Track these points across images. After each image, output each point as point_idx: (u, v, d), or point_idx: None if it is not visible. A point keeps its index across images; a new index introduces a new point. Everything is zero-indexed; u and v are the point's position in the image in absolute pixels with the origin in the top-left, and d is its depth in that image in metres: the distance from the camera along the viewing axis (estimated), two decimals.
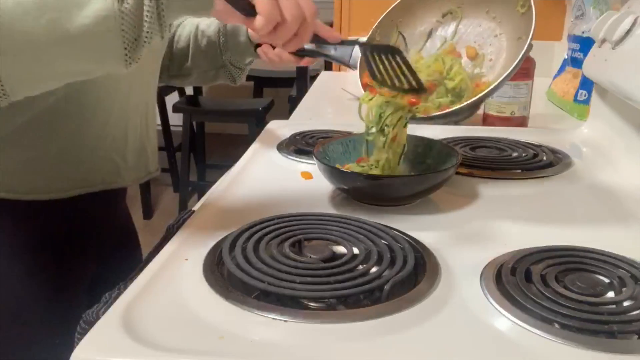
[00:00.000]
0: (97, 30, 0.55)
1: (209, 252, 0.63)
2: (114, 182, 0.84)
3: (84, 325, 0.57)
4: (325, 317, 0.52)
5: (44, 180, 0.76)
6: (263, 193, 0.83)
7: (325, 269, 0.58)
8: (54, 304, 0.79)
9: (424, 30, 0.95)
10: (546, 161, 0.94)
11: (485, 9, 0.92)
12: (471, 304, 0.54)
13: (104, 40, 0.56)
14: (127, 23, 0.55)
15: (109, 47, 0.56)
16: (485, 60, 0.90)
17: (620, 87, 0.87)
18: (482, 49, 0.91)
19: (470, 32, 0.92)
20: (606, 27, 0.94)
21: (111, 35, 0.55)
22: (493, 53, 0.89)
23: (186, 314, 0.52)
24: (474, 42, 0.91)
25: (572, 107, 1.35)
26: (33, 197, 0.76)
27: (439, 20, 0.95)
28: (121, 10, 0.54)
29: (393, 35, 0.95)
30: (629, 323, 0.50)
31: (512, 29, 0.89)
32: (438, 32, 0.95)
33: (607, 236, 0.69)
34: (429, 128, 1.08)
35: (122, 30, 0.55)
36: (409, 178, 0.78)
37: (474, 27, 0.92)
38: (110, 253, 0.88)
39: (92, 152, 0.80)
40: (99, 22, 0.54)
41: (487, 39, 0.90)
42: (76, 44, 0.55)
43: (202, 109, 3.10)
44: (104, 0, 0.54)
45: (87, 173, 0.80)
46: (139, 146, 0.87)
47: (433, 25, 0.95)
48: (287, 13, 0.60)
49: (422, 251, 0.63)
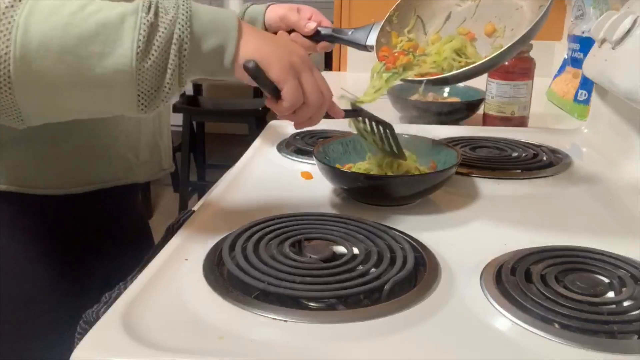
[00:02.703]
0: (112, 83, 0.56)
1: (209, 252, 0.63)
2: (126, 178, 0.84)
3: (84, 325, 0.57)
4: (325, 317, 0.52)
5: (58, 176, 0.77)
6: (263, 193, 0.83)
7: (325, 269, 0.58)
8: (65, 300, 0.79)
9: (442, 12, 0.95)
10: (546, 161, 0.94)
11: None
12: (471, 303, 0.54)
13: (117, 92, 0.57)
14: (144, 80, 0.56)
15: (122, 99, 0.57)
16: (507, 30, 0.89)
17: (620, 87, 0.87)
18: (503, 22, 0.90)
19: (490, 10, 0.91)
20: (606, 27, 0.94)
21: (125, 90, 0.56)
22: (514, 24, 0.88)
23: (186, 314, 0.52)
24: (494, 17, 0.90)
25: (572, 107, 1.35)
26: (47, 192, 0.76)
27: (458, 3, 0.94)
28: (139, 67, 0.55)
29: (411, 18, 0.95)
30: (629, 323, 0.50)
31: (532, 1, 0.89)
32: (457, 11, 0.94)
33: (607, 236, 0.69)
34: (429, 128, 1.08)
35: (138, 85, 0.56)
36: (409, 178, 0.78)
37: (494, 4, 0.92)
38: (124, 250, 0.88)
39: (105, 149, 0.81)
40: (115, 75, 0.55)
41: (508, 12, 0.90)
42: (91, 91, 0.57)
43: (202, 109, 3.10)
44: (125, 55, 0.55)
45: (100, 169, 0.81)
46: (152, 143, 0.88)
47: (452, 7, 0.95)
48: (309, 99, 0.63)
49: (422, 251, 0.63)
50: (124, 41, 0.55)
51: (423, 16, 0.95)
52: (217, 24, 0.59)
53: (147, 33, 0.55)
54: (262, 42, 0.62)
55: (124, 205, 0.91)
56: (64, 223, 0.79)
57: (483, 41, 0.89)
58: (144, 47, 0.55)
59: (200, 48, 0.58)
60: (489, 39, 0.90)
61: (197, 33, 0.58)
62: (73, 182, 0.78)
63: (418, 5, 0.94)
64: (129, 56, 0.55)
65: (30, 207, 0.77)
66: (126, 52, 0.55)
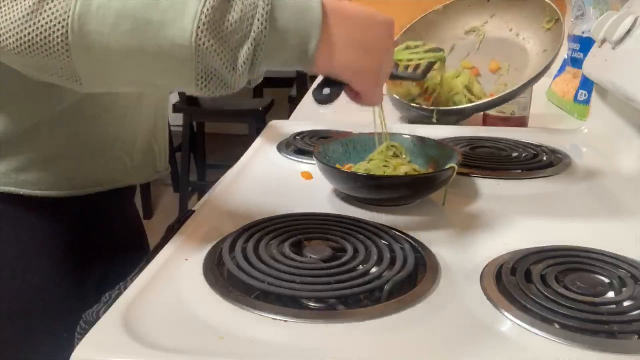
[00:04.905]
0: (170, 56, 0.53)
1: (209, 252, 0.63)
2: (122, 180, 0.84)
3: (84, 325, 0.57)
4: (325, 317, 0.52)
5: (57, 178, 0.77)
6: (263, 193, 0.83)
7: (325, 269, 0.58)
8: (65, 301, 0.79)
9: (447, 44, 0.97)
10: (546, 161, 0.94)
11: (508, 27, 0.93)
12: (471, 303, 0.54)
13: (176, 65, 0.54)
14: (204, 60, 0.53)
15: (181, 74, 0.55)
16: (511, 69, 0.90)
17: (620, 87, 0.87)
18: (506, 60, 0.92)
19: (493, 46, 0.93)
20: (606, 27, 0.94)
21: (184, 65, 0.54)
22: (518, 63, 0.90)
23: (186, 314, 0.52)
24: (497, 55, 0.92)
25: (572, 107, 1.35)
26: (47, 194, 0.76)
27: (462, 37, 0.96)
28: (198, 45, 0.52)
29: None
30: (629, 323, 0.50)
31: (536, 43, 0.90)
32: (461, 45, 0.96)
33: (607, 236, 0.69)
34: (429, 128, 1.08)
35: (198, 62, 0.53)
36: (409, 178, 0.78)
37: (497, 42, 0.93)
38: (119, 251, 0.88)
39: (104, 153, 0.81)
40: (174, 49, 0.53)
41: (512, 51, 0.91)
42: (147, 60, 0.54)
43: (202, 109, 3.10)
44: (185, 28, 0.52)
45: (98, 172, 0.81)
46: (146, 145, 0.88)
47: (456, 40, 0.97)
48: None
49: (422, 251, 0.63)
50: (187, 13, 0.52)
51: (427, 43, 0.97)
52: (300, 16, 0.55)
53: (215, 9, 0.52)
54: (350, 42, 0.58)
55: (121, 207, 0.91)
56: (63, 225, 0.79)
57: (486, 77, 0.91)
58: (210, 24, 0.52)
59: (277, 42, 0.55)
60: (493, 75, 0.92)
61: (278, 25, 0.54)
62: (73, 184, 0.78)
63: (424, 35, 0.96)
64: (189, 30, 0.52)
65: (31, 208, 0.77)
66: (187, 26, 0.52)
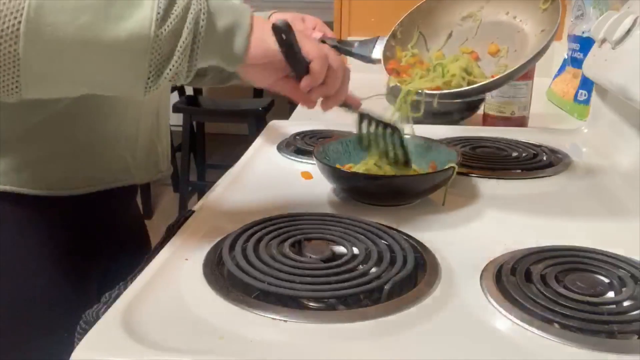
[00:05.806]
0: (128, 46, 0.54)
1: (209, 252, 0.63)
2: (124, 179, 0.84)
3: (84, 325, 0.57)
4: (325, 317, 0.52)
5: (58, 177, 0.77)
6: (263, 193, 0.83)
7: (325, 269, 0.58)
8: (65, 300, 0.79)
9: (444, 31, 0.97)
10: (546, 161, 0.94)
11: (505, 11, 0.94)
12: (471, 304, 0.54)
13: (131, 57, 0.55)
14: (158, 48, 0.55)
15: (134, 66, 0.56)
16: (510, 51, 0.90)
17: (620, 87, 0.87)
18: (505, 43, 0.92)
19: (491, 31, 0.93)
20: (606, 27, 0.94)
21: (138, 57, 0.55)
22: (517, 45, 0.90)
23: (186, 314, 0.52)
24: (496, 39, 0.92)
25: (572, 107, 1.35)
26: (49, 193, 0.76)
27: (459, 23, 0.96)
28: (157, 33, 0.54)
29: (414, 34, 0.96)
30: (629, 323, 0.50)
31: (534, 24, 0.91)
32: (458, 31, 0.96)
33: (607, 236, 0.69)
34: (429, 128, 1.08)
35: (152, 53, 0.55)
36: (409, 178, 0.78)
37: (494, 26, 0.93)
38: (121, 251, 0.88)
39: (105, 151, 0.81)
40: (132, 39, 0.54)
41: (509, 34, 0.92)
42: (103, 53, 0.55)
43: (202, 109, 3.09)
44: (145, 19, 0.54)
45: (100, 171, 0.81)
46: (149, 145, 0.88)
47: (453, 27, 0.97)
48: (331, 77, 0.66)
49: (422, 251, 0.63)
50: (145, 6, 0.54)
51: (425, 33, 0.97)
52: (231, 5, 0.59)
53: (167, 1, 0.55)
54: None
55: (123, 206, 0.91)
56: (64, 224, 0.80)
57: (486, 61, 0.91)
58: (163, 14, 0.54)
59: (215, 24, 0.58)
60: (493, 58, 0.92)
61: (213, 7, 0.58)
62: (75, 183, 0.78)
63: (421, 23, 0.96)
64: (148, 19, 0.54)
65: (31, 208, 0.77)
66: (146, 16, 0.54)
